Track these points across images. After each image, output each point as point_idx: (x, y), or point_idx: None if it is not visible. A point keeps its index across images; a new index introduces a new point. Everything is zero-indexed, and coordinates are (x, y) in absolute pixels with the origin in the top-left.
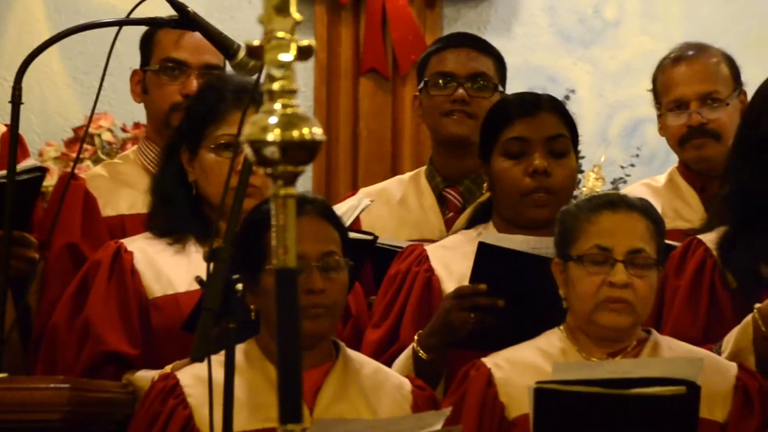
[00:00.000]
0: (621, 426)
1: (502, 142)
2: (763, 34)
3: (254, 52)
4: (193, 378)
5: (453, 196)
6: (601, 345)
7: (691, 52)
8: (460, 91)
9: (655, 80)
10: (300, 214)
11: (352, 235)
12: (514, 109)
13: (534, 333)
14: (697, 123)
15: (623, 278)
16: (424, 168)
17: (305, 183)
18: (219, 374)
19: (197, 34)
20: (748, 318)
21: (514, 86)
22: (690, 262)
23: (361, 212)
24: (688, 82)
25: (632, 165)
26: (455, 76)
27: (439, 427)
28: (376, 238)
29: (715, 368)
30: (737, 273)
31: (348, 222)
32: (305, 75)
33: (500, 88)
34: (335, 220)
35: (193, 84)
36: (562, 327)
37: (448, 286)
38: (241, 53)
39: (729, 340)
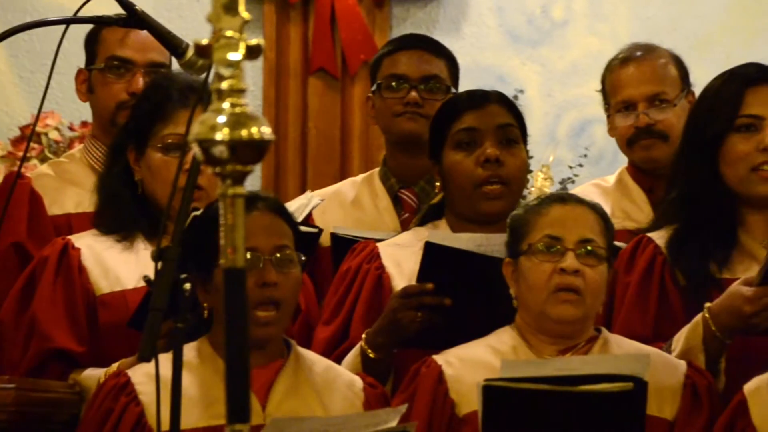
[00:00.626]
0: (569, 422)
1: (452, 135)
2: (710, 35)
3: (203, 51)
4: (145, 376)
5: (408, 197)
6: (551, 342)
7: (639, 53)
8: (413, 93)
9: (603, 81)
10: (252, 210)
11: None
12: (462, 103)
13: (483, 332)
14: (644, 124)
15: (574, 264)
16: (377, 169)
17: (254, 182)
18: (169, 372)
19: (143, 32)
20: (699, 317)
21: (463, 86)
22: (640, 260)
23: (311, 210)
24: (636, 83)
25: (580, 165)
26: (408, 78)
27: (394, 424)
28: (320, 231)
29: (664, 366)
30: (686, 271)
31: (298, 221)
32: (254, 74)
33: (453, 90)
34: (287, 216)
35: (139, 82)
36: (512, 325)
37: (399, 283)
38: (190, 52)
39: (679, 339)
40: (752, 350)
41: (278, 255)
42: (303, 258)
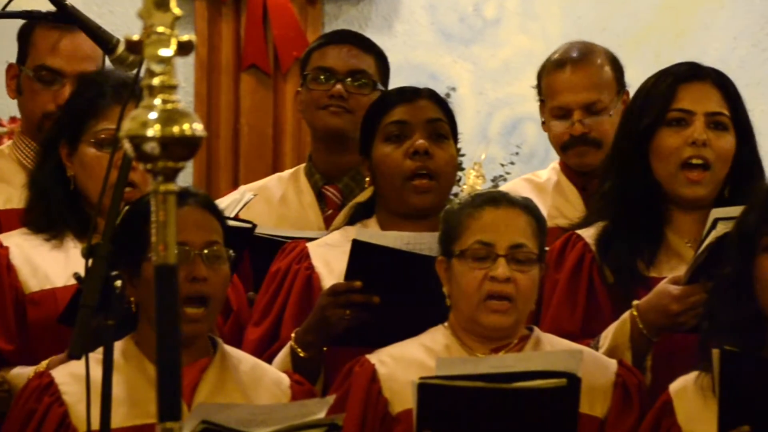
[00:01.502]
0: (504, 420)
1: (381, 128)
2: (639, 34)
3: (134, 47)
4: (69, 376)
5: (332, 193)
6: (484, 342)
7: (575, 55)
8: (338, 86)
9: (539, 79)
10: (183, 205)
11: (231, 223)
12: (393, 97)
13: (414, 329)
14: (579, 133)
15: (505, 272)
16: (303, 165)
17: (186, 179)
18: (96, 372)
19: (75, 40)
20: (626, 314)
21: (394, 83)
22: (569, 257)
23: (244, 206)
24: (572, 90)
25: (512, 163)
26: (335, 71)
27: (322, 415)
28: (254, 226)
29: (595, 365)
30: (615, 269)
31: (231, 216)
32: (186, 70)
33: (380, 87)
34: (218, 213)
35: (67, 94)
36: (446, 324)
37: (329, 283)
38: (121, 48)
39: (607, 336)
40: (678, 348)
41: (207, 251)
42: (232, 255)
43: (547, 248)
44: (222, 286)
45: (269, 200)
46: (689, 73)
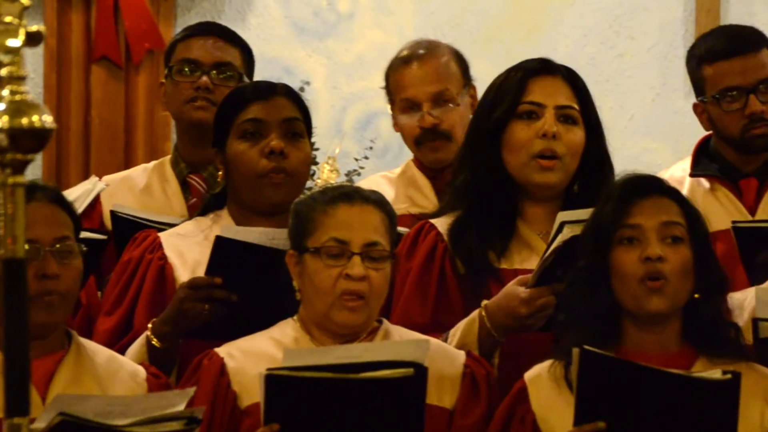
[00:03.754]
0: (352, 410)
1: (237, 125)
2: (490, 31)
3: None
4: None
5: (196, 182)
6: (334, 338)
7: (421, 51)
8: (204, 78)
9: (387, 78)
10: (30, 200)
11: (85, 234)
12: (249, 94)
13: (272, 323)
14: (430, 124)
15: (360, 271)
16: (169, 156)
17: (35, 171)
18: None
19: None
20: (475, 314)
21: None
22: (421, 246)
23: (95, 196)
24: (419, 83)
25: (366, 158)
26: (200, 63)
27: (182, 407)
28: (109, 237)
29: (443, 356)
30: (466, 259)
31: (83, 206)
32: (35, 61)
33: (245, 79)
34: (68, 207)
35: None
36: (295, 317)
37: (182, 274)
38: None
39: (455, 333)
40: (525, 346)
41: (58, 246)
42: (84, 249)
43: (402, 229)
44: (74, 280)
45: (133, 189)
46: (540, 67)
